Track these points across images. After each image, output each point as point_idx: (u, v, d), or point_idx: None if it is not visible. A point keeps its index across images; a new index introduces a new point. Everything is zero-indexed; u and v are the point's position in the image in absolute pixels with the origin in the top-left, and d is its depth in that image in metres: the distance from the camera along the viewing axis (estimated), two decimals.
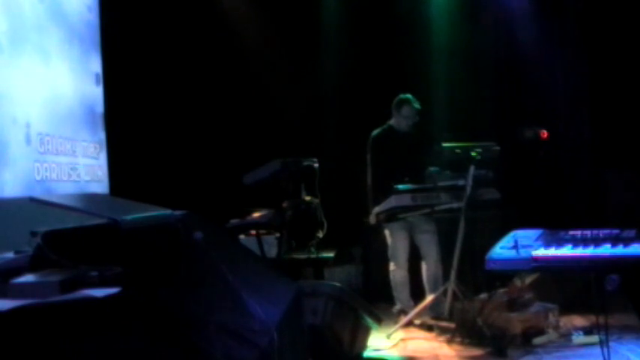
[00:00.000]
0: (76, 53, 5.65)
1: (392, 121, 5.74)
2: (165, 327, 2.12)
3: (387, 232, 5.63)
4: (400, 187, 5.29)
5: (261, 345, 2.45)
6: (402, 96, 5.69)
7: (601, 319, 3.31)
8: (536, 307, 5.09)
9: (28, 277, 2.19)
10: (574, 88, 6.92)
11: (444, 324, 5.23)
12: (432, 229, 5.60)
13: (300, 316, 3.54)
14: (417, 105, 5.65)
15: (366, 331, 4.62)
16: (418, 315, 5.37)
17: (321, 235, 5.60)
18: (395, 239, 5.59)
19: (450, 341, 4.97)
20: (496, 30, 7.29)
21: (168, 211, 2.91)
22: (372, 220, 5.46)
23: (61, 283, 2.07)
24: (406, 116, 5.64)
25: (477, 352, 4.72)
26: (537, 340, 4.78)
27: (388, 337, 5.15)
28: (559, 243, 3.31)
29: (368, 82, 7.18)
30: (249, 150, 6.76)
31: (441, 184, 5.40)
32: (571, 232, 3.40)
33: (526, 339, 4.78)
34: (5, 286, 2.12)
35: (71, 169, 5.33)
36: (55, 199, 3.40)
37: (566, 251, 3.22)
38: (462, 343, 4.89)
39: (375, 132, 5.72)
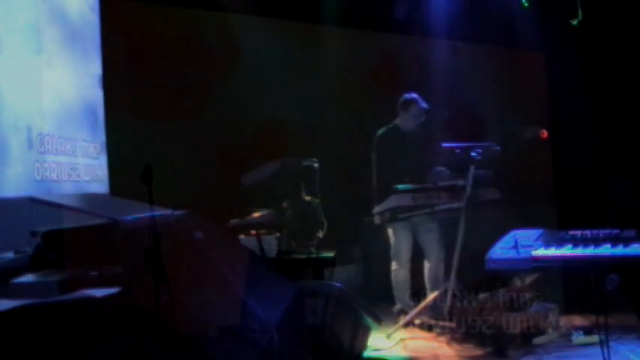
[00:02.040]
0: (77, 54, 5.64)
1: (397, 121, 5.73)
2: (166, 327, 2.12)
3: (390, 232, 5.63)
4: (400, 187, 5.28)
5: (261, 345, 2.45)
6: (408, 95, 5.68)
7: (601, 319, 3.30)
8: (536, 307, 5.09)
9: (28, 277, 2.20)
10: (575, 87, 6.91)
11: (444, 324, 5.23)
12: (435, 228, 5.60)
13: (300, 316, 3.55)
14: (424, 104, 5.65)
15: (366, 331, 4.61)
16: (418, 315, 5.37)
17: (321, 234, 5.60)
18: (398, 239, 5.59)
19: (450, 341, 4.97)
20: (497, 29, 7.28)
21: (168, 211, 2.91)
22: (377, 220, 5.46)
23: (61, 283, 2.08)
24: (414, 116, 5.64)
25: (476, 352, 4.72)
26: (537, 340, 4.79)
27: (388, 337, 5.15)
28: (559, 243, 3.32)
29: (368, 81, 7.17)
30: (249, 150, 6.75)
31: (441, 184, 5.41)
32: (571, 232, 3.40)
33: (526, 339, 4.78)
34: (5, 286, 2.13)
35: (71, 169, 5.32)
36: (55, 199, 3.40)
37: (566, 251, 3.22)
38: (462, 343, 4.89)
39: (381, 131, 5.71)
